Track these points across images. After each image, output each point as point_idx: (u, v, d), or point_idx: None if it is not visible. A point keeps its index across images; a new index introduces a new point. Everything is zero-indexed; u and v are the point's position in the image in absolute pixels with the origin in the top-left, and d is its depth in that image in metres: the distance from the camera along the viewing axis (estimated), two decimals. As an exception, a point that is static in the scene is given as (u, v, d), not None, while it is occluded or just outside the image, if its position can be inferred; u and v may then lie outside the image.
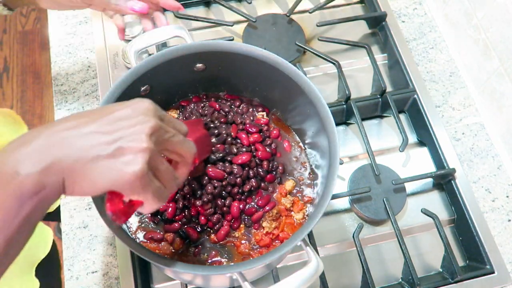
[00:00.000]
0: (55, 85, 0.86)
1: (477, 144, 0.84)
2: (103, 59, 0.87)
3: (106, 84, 0.84)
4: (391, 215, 0.73)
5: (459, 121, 0.86)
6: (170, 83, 0.65)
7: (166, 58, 0.60)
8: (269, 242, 0.61)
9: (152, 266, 0.72)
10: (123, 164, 0.39)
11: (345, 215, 0.78)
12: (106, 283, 0.71)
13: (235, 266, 0.52)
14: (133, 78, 0.59)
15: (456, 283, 0.71)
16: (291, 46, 0.89)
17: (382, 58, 0.91)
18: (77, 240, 0.74)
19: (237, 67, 0.64)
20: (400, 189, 0.78)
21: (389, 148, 0.83)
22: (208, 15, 0.94)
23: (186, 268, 0.51)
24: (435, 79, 0.90)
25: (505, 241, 0.77)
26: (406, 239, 0.73)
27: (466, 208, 0.76)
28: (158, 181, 0.42)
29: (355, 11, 0.96)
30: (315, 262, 0.51)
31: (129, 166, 0.39)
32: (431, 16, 0.96)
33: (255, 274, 0.62)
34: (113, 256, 0.73)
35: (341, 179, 0.79)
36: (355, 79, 0.88)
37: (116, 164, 0.38)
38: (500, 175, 0.82)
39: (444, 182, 0.80)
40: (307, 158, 0.67)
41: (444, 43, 0.93)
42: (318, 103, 0.59)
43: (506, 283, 0.72)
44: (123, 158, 0.39)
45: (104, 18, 0.91)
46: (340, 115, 0.83)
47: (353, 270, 0.74)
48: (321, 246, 0.74)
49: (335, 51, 0.90)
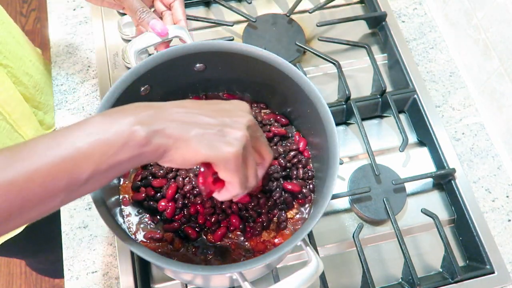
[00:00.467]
0: (55, 85, 0.86)
1: (477, 144, 0.84)
2: (103, 59, 0.87)
3: (106, 84, 0.84)
4: (391, 215, 0.73)
5: (459, 121, 0.86)
6: (170, 83, 0.65)
7: (166, 58, 0.60)
8: (264, 248, 0.61)
9: (152, 266, 0.72)
10: (224, 143, 0.44)
11: (345, 215, 0.78)
12: (106, 283, 0.71)
13: (235, 266, 0.52)
14: (133, 78, 0.59)
15: (456, 283, 0.71)
16: (291, 46, 0.89)
17: (382, 58, 0.91)
18: (77, 240, 0.74)
19: (237, 67, 0.64)
20: (400, 189, 0.78)
21: (389, 148, 0.83)
22: (208, 15, 0.94)
23: (186, 268, 0.51)
24: (435, 79, 0.90)
25: (505, 241, 0.77)
26: (406, 239, 0.73)
27: (466, 208, 0.76)
28: (246, 170, 0.47)
29: (355, 11, 0.96)
30: (315, 262, 0.51)
31: (229, 146, 0.44)
32: (431, 16, 0.96)
33: (255, 274, 0.62)
34: (113, 256, 0.73)
35: (341, 179, 0.79)
36: (355, 79, 0.88)
37: (218, 141, 0.44)
38: (500, 175, 0.82)
39: (444, 182, 0.80)
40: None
41: (444, 43, 0.93)
42: (318, 103, 0.59)
43: (506, 283, 0.72)
44: (225, 138, 0.44)
45: (104, 18, 0.91)
46: (340, 115, 0.83)
47: (353, 270, 0.74)
48: (321, 246, 0.74)
49: (335, 51, 0.90)
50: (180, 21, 0.68)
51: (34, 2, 2.04)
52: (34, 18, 2.00)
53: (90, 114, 0.83)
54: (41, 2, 2.03)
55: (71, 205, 0.76)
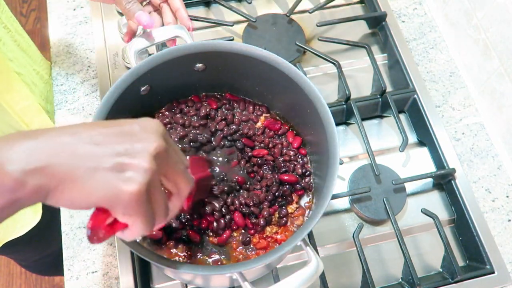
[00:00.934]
0: (55, 85, 0.86)
1: (477, 144, 0.84)
2: (103, 59, 0.87)
3: (106, 84, 0.84)
4: (391, 215, 0.73)
5: (459, 121, 0.86)
6: (170, 83, 0.65)
7: (166, 58, 0.60)
8: (267, 245, 0.61)
9: (152, 266, 0.72)
10: (123, 180, 0.36)
11: (345, 215, 0.78)
12: (106, 283, 0.71)
13: (235, 266, 0.52)
14: (133, 78, 0.59)
15: (456, 283, 0.71)
16: (291, 46, 0.89)
17: (382, 58, 0.91)
18: (77, 240, 0.74)
19: (237, 67, 0.64)
20: (400, 189, 0.78)
21: (389, 148, 0.83)
22: (208, 15, 0.94)
23: (186, 268, 0.51)
24: (435, 79, 0.90)
25: (505, 241, 0.77)
26: (406, 239, 0.73)
27: (466, 208, 0.76)
28: (151, 207, 0.39)
29: (355, 11, 0.96)
30: (315, 262, 0.51)
31: (128, 184, 0.36)
32: (431, 16, 0.96)
33: (255, 274, 0.62)
34: (113, 256, 0.73)
35: (341, 179, 0.79)
36: (355, 79, 0.88)
37: (115, 179, 0.36)
38: (500, 175, 0.82)
39: (444, 182, 0.80)
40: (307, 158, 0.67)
41: (444, 43, 0.93)
42: (318, 103, 0.59)
43: (506, 283, 0.72)
44: (123, 174, 0.36)
45: (104, 18, 0.91)
46: (340, 115, 0.83)
47: (353, 270, 0.74)
48: (321, 246, 0.74)
49: (335, 51, 0.90)
50: (178, 10, 0.65)
51: (34, 2, 2.04)
52: (34, 18, 2.00)
53: (90, 114, 0.83)
54: (41, 2, 2.03)
55: (71, 205, 0.76)
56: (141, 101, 0.63)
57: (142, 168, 0.37)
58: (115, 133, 0.38)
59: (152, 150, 0.38)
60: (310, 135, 0.65)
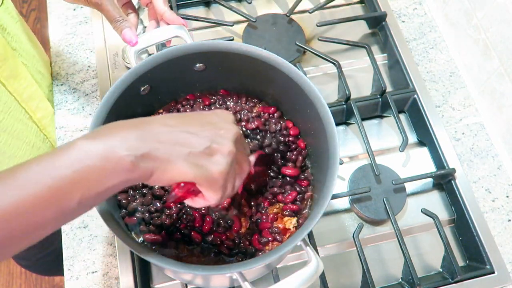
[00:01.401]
0: (55, 85, 0.86)
1: (477, 144, 0.84)
2: (103, 59, 0.87)
3: (106, 84, 0.84)
4: (391, 215, 0.73)
5: (459, 121, 0.86)
6: (170, 83, 0.65)
7: (166, 58, 0.60)
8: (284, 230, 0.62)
9: (152, 266, 0.72)
10: (212, 163, 0.44)
11: (345, 215, 0.78)
12: (106, 283, 0.71)
13: (235, 266, 0.52)
14: (133, 78, 0.59)
15: (456, 283, 0.71)
16: (291, 46, 0.89)
17: (382, 58, 0.91)
18: (77, 240, 0.74)
19: (237, 67, 0.64)
20: (400, 189, 0.78)
21: (389, 148, 0.83)
22: (208, 15, 0.94)
23: (186, 268, 0.51)
24: (435, 79, 0.90)
25: (505, 241, 0.77)
26: (406, 239, 0.73)
27: (466, 208, 0.76)
28: (227, 183, 0.46)
29: (355, 11, 0.96)
30: (315, 262, 0.51)
31: (217, 166, 0.44)
32: (431, 16, 0.96)
33: (255, 274, 0.62)
34: (113, 256, 0.73)
35: (341, 179, 0.79)
36: (355, 79, 0.88)
37: (205, 161, 0.44)
38: (500, 175, 0.82)
39: (444, 182, 0.80)
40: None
41: (444, 43, 0.93)
42: (318, 103, 0.59)
43: (506, 283, 0.72)
44: (212, 157, 0.44)
45: (104, 18, 0.91)
46: (340, 115, 0.83)
47: (353, 270, 0.74)
48: (321, 246, 0.74)
49: (335, 51, 0.90)
50: (165, 13, 0.65)
51: (34, 2, 2.04)
52: (34, 18, 2.00)
53: (90, 114, 0.83)
54: (41, 2, 2.03)
55: (71, 205, 0.76)
56: (141, 101, 0.63)
57: (226, 152, 0.45)
58: (200, 123, 0.46)
59: (232, 136, 0.46)
60: (310, 135, 0.65)
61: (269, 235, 0.61)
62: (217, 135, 0.45)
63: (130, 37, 0.63)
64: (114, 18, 0.63)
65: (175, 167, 0.43)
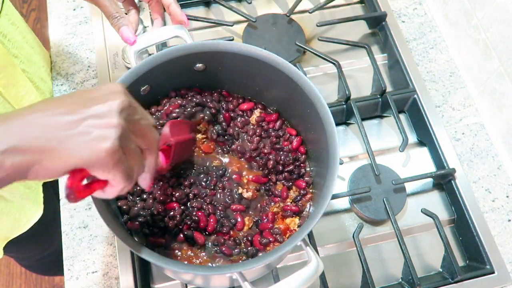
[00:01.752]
0: (55, 85, 0.86)
1: (477, 144, 0.84)
2: (103, 59, 0.87)
3: (106, 84, 0.84)
4: (391, 215, 0.73)
5: (459, 121, 0.86)
6: (170, 83, 0.65)
7: (166, 58, 0.60)
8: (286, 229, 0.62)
9: (152, 266, 0.72)
10: (95, 140, 0.38)
11: (345, 215, 0.78)
12: (106, 283, 0.71)
13: (235, 266, 0.52)
14: (133, 78, 0.59)
15: (456, 283, 0.71)
16: (291, 46, 0.89)
17: (382, 58, 0.91)
18: (77, 240, 0.74)
19: (237, 67, 0.64)
20: (400, 189, 0.78)
21: (389, 148, 0.83)
22: (208, 15, 0.94)
23: (186, 268, 0.51)
24: (435, 79, 0.90)
25: (505, 241, 0.77)
26: (406, 239, 0.73)
27: (466, 208, 0.76)
28: (128, 162, 0.41)
29: (355, 11, 0.96)
30: (315, 262, 0.51)
31: (101, 142, 0.38)
32: (431, 16, 0.96)
33: (255, 274, 0.62)
34: (113, 256, 0.73)
35: (341, 179, 0.79)
36: (355, 79, 0.88)
37: (87, 140, 0.38)
38: (500, 175, 0.82)
39: (444, 182, 0.80)
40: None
41: (444, 43, 0.93)
42: (318, 103, 0.59)
43: (506, 283, 0.72)
44: (94, 134, 0.38)
45: (104, 18, 0.91)
46: (340, 115, 0.83)
47: (353, 270, 0.74)
48: (321, 246, 0.74)
49: (335, 51, 0.90)
50: (170, 5, 0.64)
51: (34, 2, 2.04)
52: (34, 18, 2.00)
53: (90, 114, 0.83)
54: (41, 2, 2.03)
55: (71, 205, 0.76)
56: (141, 101, 0.62)
57: (111, 124, 0.39)
58: (79, 101, 0.40)
59: (116, 107, 0.40)
60: (310, 135, 0.65)
61: (270, 235, 0.61)
62: (98, 110, 0.39)
63: (128, 36, 0.62)
64: (111, 14, 0.62)
65: (53, 155, 0.37)
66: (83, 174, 0.40)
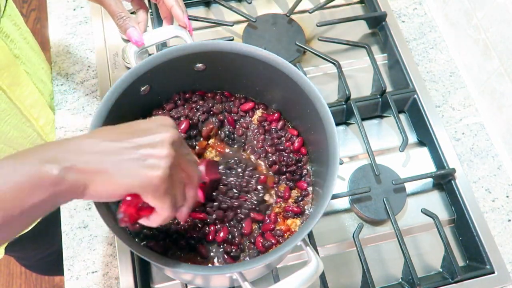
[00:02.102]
0: (55, 85, 0.86)
1: (477, 144, 0.84)
2: (103, 59, 0.87)
3: (106, 84, 0.84)
4: (391, 215, 0.73)
5: (459, 121, 0.86)
6: (170, 83, 0.65)
7: (166, 58, 0.60)
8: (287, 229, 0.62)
9: (152, 266, 0.72)
10: (148, 167, 0.41)
11: (345, 215, 0.78)
12: (106, 283, 0.71)
13: (235, 266, 0.52)
14: (133, 78, 0.59)
15: (456, 283, 0.71)
16: (291, 46, 0.89)
17: (382, 58, 0.91)
18: (77, 240, 0.74)
19: (237, 67, 0.64)
20: (400, 189, 0.78)
21: (389, 148, 0.83)
22: (208, 15, 0.94)
23: (186, 268, 0.51)
24: (435, 79, 0.90)
25: (505, 241, 0.77)
26: (406, 239, 0.73)
27: (466, 208, 0.76)
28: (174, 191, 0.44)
29: (355, 11, 0.96)
30: (315, 262, 0.51)
31: (153, 170, 0.41)
32: (431, 16, 0.96)
33: (255, 274, 0.62)
34: (113, 256, 0.73)
35: (341, 179, 0.79)
36: (355, 79, 0.88)
37: (141, 167, 0.41)
38: (500, 175, 0.82)
39: (444, 182, 0.80)
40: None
41: (444, 43, 0.93)
42: (318, 103, 0.59)
43: (506, 283, 0.72)
44: (147, 162, 0.41)
45: (104, 18, 0.91)
46: (340, 115, 0.83)
47: (353, 270, 0.74)
48: (321, 246, 0.74)
49: (335, 51, 0.90)
50: (172, 7, 0.64)
51: (34, 2, 2.04)
52: (34, 18, 2.00)
53: (90, 114, 0.83)
54: (41, 2, 2.03)
55: (71, 205, 0.76)
56: (141, 101, 0.63)
57: (163, 155, 0.42)
58: (133, 131, 0.44)
59: (169, 139, 0.43)
60: (310, 135, 0.65)
61: (273, 237, 0.60)
62: (151, 139, 0.43)
63: (136, 38, 0.62)
64: (117, 14, 0.61)
65: (107, 178, 0.40)
66: (137, 201, 0.43)
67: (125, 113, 0.57)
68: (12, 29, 0.75)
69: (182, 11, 0.64)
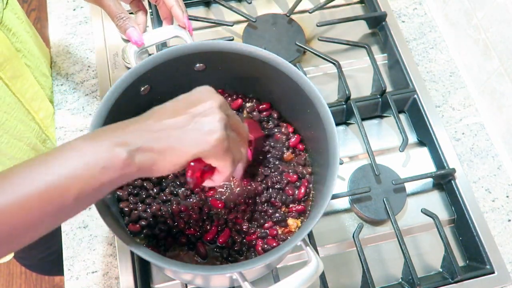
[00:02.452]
0: (55, 85, 0.86)
1: (477, 144, 0.84)
2: (103, 59, 0.87)
3: (106, 84, 0.84)
4: (391, 215, 0.73)
5: (459, 121, 0.86)
6: (170, 83, 0.65)
7: (166, 58, 0.60)
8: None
9: (152, 266, 0.72)
10: (207, 133, 0.45)
11: (345, 215, 0.78)
12: (106, 283, 0.71)
13: (235, 266, 0.52)
14: (133, 78, 0.59)
15: (456, 283, 0.71)
16: (291, 46, 0.89)
17: (382, 58, 0.91)
18: (77, 240, 0.74)
19: (237, 67, 0.64)
20: (400, 189, 0.78)
21: (389, 148, 0.83)
22: (208, 15, 0.94)
23: (186, 268, 0.51)
24: (435, 79, 0.90)
25: (505, 241, 0.77)
26: (406, 239, 0.73)
27: (466, 208, 0.76)
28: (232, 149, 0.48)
29: (355, 11, 0.96)
30: (315, 262, 0.51)
31: (212, 134, 0.45)
32: (431, 16, 0.96)
33: (255, 274, 0.62)
34: (113, 256, 0.73)
35: (341, 179, 0.79)
36: (355, 79, 0.89)
37: (202, 135, 0.45)
38: (500, 175, 0.82)
39: (444, 182, 0.80)
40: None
41: (444, 43, 0.93)
42: (318, 103, 0.59)
43: (506, 283, 0.72)
44: (206, 128, 0.45)
45: (104, 18, 0.91)
46: (340, 115, 0.83)
47: (353, 270, 0.74)
48: (321, 246, 0.74)
49: (335, 51, 0.90)
50: (172, 7, 0.64)
51: (34, 2, 2.04)
52: (34, 18, 2.00)
53: (90, 114, 0.83)
54: (41, 2, 2.03)
55: (71, 205, 0.76)
56: (141, 101, 0.62)
57: (217, 119, 0.46)
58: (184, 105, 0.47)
59: (217, 104, 0.47)
60: (310, 134, 0.65)
61: (274, 242, 0.60)
62: (202, 108, 0.46)
63: (136, 38, 0.62)
64: (116, 15, 0.62)
65: (173, 151, 0.44)
66: (200, 165, 0.47)
67: (125, 113, 0.57)
68: (14, 22, 0.75)
69: (182, 11, 0.64)
